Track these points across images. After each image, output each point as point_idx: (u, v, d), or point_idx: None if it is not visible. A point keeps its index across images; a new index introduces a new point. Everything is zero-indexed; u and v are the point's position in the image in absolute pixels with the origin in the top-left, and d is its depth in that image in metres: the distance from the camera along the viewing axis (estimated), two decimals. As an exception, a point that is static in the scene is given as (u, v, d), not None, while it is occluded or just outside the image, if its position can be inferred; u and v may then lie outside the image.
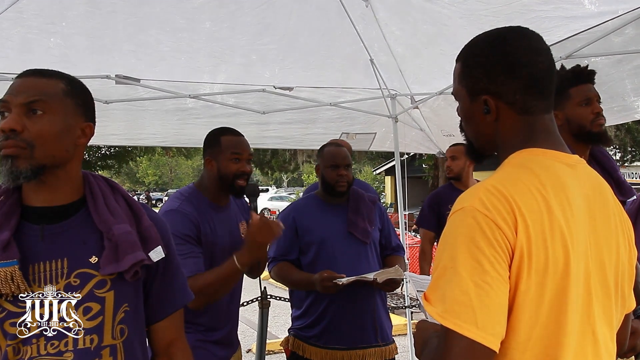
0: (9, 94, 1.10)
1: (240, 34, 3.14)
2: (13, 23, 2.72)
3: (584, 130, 1.76)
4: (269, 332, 3.37)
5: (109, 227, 1.13)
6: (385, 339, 2.32)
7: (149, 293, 1.23)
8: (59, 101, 1.11)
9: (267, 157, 19.33)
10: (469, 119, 1.05)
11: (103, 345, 1.11)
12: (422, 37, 3.18)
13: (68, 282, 1.09)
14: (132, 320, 1.17)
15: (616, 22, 2.43)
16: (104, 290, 1.12)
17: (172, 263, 1.27)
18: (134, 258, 1.13)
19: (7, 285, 1.04)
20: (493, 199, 0.88)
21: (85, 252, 1.12)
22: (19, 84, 1.10)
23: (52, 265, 1.09)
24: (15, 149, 1.05)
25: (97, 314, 1.11)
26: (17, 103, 1.08)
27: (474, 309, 0.82)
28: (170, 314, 1.27)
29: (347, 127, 4.47)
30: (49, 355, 1.07)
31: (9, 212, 1.10)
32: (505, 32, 1.00)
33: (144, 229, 1.19)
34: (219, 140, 2.01)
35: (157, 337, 1.26)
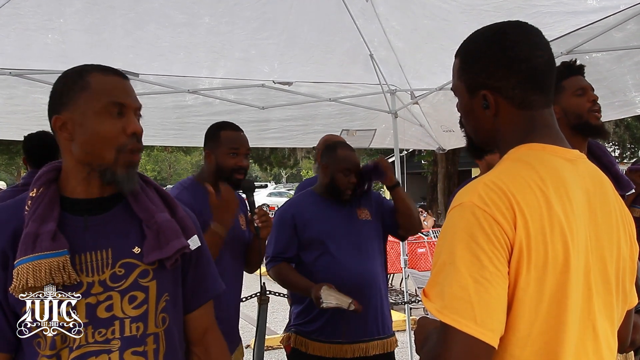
0: (126, 96, 1.14)
1: (239, 28, 3.13)
2: (10, 19, 2.70)
3: (582, 120, 1.75)
4: (268, 328, 3.37)
5: (151, 215, 1.17)
6: (387, 331, 2.32)
7: (184, 283, 1.25)
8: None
9: (266, 152, 19.32)
10: (468, 114, 1.05)
11: (148, 333, 1.14)
12: (422, 31, 3.17)
13: (113, 272, 1.11)
14: (172, 310, 1.20)
15: (618, 17, 2.43)
16: (148, 279, 1.14)
17: (204, 253, 1.30)
18: (180, 244, 1.17)
19: (59, 274, 1.05)
20: (492, 194, 0.87)
21: (128, 243, 1.15)
22: (127, 86, 1.16)
23: (98, 255, 1.11)
24: (139, 157, 1.15)
25: (142, 302, 1.13)
26: (135, 107, 1.15)
27: (472, 304, 0.82)
28: (204, 303, 1.30)
29: (347, 124, 4.45)
30: (97, 343, 1.09)
31: (50, 203, 1.11)
32: (504, 26, 0.99)
33: (179, 218, 1.22)
34: (218, 135, 2.07)
35: (192, 326, 1.28)
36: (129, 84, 1.16)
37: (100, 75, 1.13)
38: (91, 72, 1.13)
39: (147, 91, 3.59)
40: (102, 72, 1.13)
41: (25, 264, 1.04)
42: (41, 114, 4.33)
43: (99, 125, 1.10)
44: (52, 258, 1.05)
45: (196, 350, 1.29)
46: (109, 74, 1.14)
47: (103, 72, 1.14)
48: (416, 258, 7.37)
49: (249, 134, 2.16)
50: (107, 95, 1.11)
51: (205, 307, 1.30)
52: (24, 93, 3.35)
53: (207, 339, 1.30)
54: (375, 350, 2.26)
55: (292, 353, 2.34)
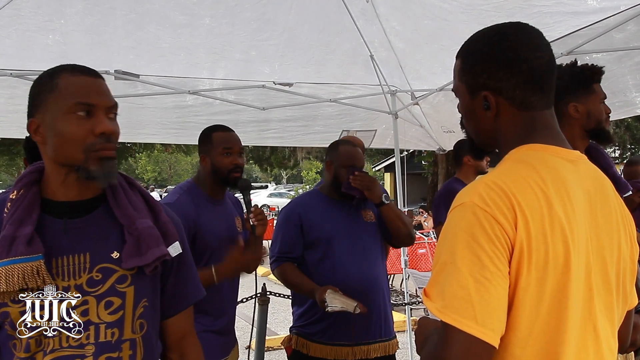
0: (96, 96, 1.10)
1: (239, 29, 3.13)
2: (11, 20, 2.70)
3: (599, 126, 1.77)
4: (268, 329, 3.37)
5: (131, 221, 1.15)
6: (388, 334, 2.31)
7: (164, 288, 1.25)
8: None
9: (266, 153, 19.32)
10: (469, 115, 1.05)
11: (124, 339, 1.12)
12: (422, 32, 3.17)
13: (90, 276, 1.10)
14: (151, 315, 1.19)
15: (618, 18, 2.42)
16: (125, 285, 1.13)
17: (186, 259, 1.29)
18: (159, 252, 1.15)
19: (33, 279, 1.04)
20: (493, 194, 0.87)
21: (107, 248, 1.13)
22: (97, 85, 1.12)
23: (75, 259, 1.10)
24: (114, 152, 1.11)
25: (118, 308, 1.12)
26: (106, 106, 1.11)
27: (473, 304, 0.82)
28: (184, 309, 1.29)
29: (347, 124, 4.45)
30: (70, 348, 1.08)
31: (30, 205, 1.10)
32: (505, 27, 0.99)
33: (161, 224, 1.21)
34: (210, 137, 2.11)
35: (169, 332, 1.27)
36: (100, 83, 1.13)
37: (68, 76, 1.10)
38: (61, 73, 1.11)
39: (147, 92, 3.59)
40: (71, 72, 1.11)
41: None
42: (42, 115, 4.32)
43: (65, 127, 1.08)
44: (26, 263, 1.04)
45: (172, 356, 1.28)
46: (77, 73, 1.11)
47: (72, 72, 1.11)
48: (417, 259, 7.37)
49: (249, 134, 2.20)
50: (73, 96, 1.08)
51: (184, 313, 1.29)
52: (25, 93, 3.32)
53: (184, 344, 1.29)
54: (377, 352, 2.25)
55: (293, 355, 2.33)
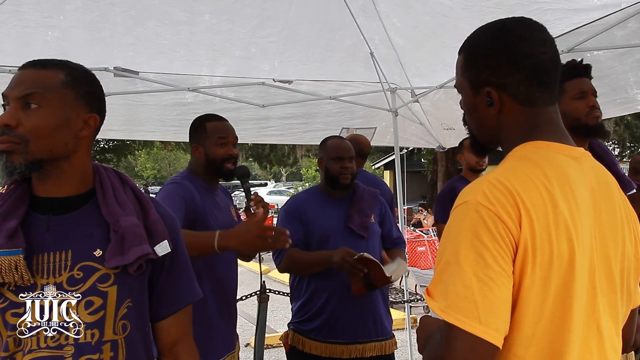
0: (8, 87, 1.08)
1: (239, 26, 3.12)
2: (10, 17, 2.69)
3: (579, 123, 1.75)
4: (268, 327, 3.37)
5: (116, 219, 1.12)
6: (385, 334, 2.31)
7: (154, 289, 1.20)
8: (55, 93, 1.08)
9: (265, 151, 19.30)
10: (471, 111, 1.04)
11: (104, 340, 1.09)
12: (423, 28, 3.16)
13: (71, 274, 1.07)
14: (135, 317, 1.15)
15: (619, 15, 2.41)
16: (107, 284, 1.10)
17: (179, 259, 1.24)
18: (140, 251, 1.11)
19: (10, 274, 1.02)
20: (496, 192, 0.86)
21: (91, 245, 1.10)
22: (17, 76, 1.08)
23: (56, 256, 1.08)
24: (9, 145, 1.04)
25: (99, 308, 1.09)
26: (14, 97, 1.06)
27: (476, 303, 0.81)
28: (176, 311, 1.23)
29: (347, 122, 4.45)
30: (49, 349, 1.06)
31: (17, 200, 1.09)
32: (509, 22, 0.98)
33: (150, 222, 1.17)
34: (204, 127, 2.05)
35: (161, 335, 1.23)
36: (23, 74, 1.09)
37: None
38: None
39: (147, 89, 3.58)
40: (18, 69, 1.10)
41: None
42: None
43: None
44: (5, 257, 1.02)
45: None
46: (18, 68, 1.11)
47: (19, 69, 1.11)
48: (416, 256, 7.37)
49: (248, 132, 2.19)
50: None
51: (177, 316, 1.23)
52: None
53: (177, 350, 1.23)
54: (373, 352, 2.25)
55: (291, 351, 2.34)
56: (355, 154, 3.34)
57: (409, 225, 10.44)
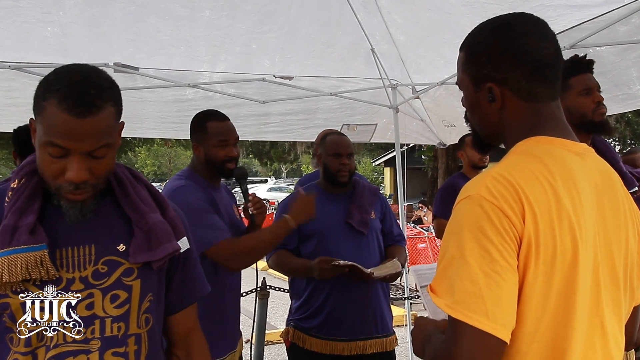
0: (70, 138, 0.98)
1: (240, 22, 3.10)
2: (9, 12, 2.67)
3: (585, 120, 1.75)
4: (268, 323, 3.37)
5: (141, 216, 1.13)
6: (386, 330, 2.31)
7: (170, 284, 1.23)
8: (114, 131, 1.06)
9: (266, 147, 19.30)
10: (473, 108, 1.03)
11: (129, 334, 1.10)
12: (424, 24, 3.15)
13: (96, 268, 1.08)
14: (156, 310, 1.17)
15: (622, 11, 2.40)
16: (131, 278, 1.11)
17: (192, 254, 1.26)
18: (171, 247, 1.14)
19: (36, 269, 1.01)
20: (500, 186, 0.86)
21: (113, 240, 1.11)
22: (77, 126, 0.98)
23: (80, 250, 1.07)
24: (84, 195, 1.04)
25: (124, 302, 1.10)
26: (81, 150, 1.00)
27: (484, 299, 0.80)
28: (188, 305, 1.27)
29: (348, 118, 4.43)
30: (75, 343, 1.05)
31: (31, 195, 1.07)
32: (510, 18, 0.98)
33: (169, 219, 1.19)
34: (204, 126, 2.04)
35: (175, 328, 1.26)
36: (85, 124, 0.98)
37: (53, 106, 0.97)
38: (51, 95, 0.98)
39: (147, 85, 3.57)
40: (58, 103, 0.97)
41: (0, 258, 1.00)
42: (40, 107, 4.26)
43: (40, 157, 1.03)
44: (29, 252, 1.01)
45: (177, 352, 1.26)
46: (63, 108, 0.97)
47: (59, 102, 0.97)
48: (416, 253, 7.37)
49: (249, 128, 2.19)
50: (50, 133, 0.98)
51: (189, 309, 1.27)
52: (23, 86, 3.33)
53: (189, 340, 1.27)
54: (373, 348, 2.25)
55: (291, 347, 2.34)
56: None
57: (409, 222, 10.44)
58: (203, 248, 1.83)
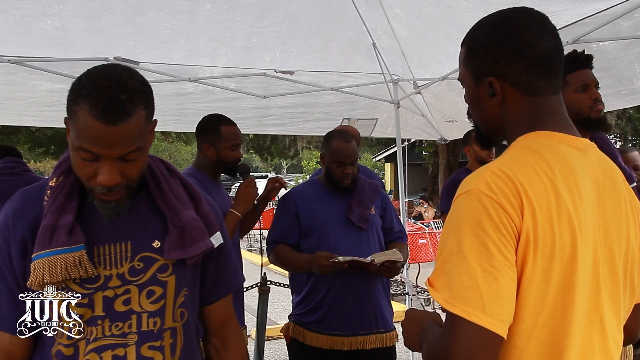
0: (97, 145, 0.99)
1: (240, 16, 3.08)
2: (8, 5, 2.66)
3: (582, 117, 1.74)
4: (269, 318, 3.37)
5: (175, 213, 1.14)
6: (386, 326, 2.31)
7: (205, 276, 1.25)
8: (146, 135, 1.06)
9: (266, 143, 19.29)
10: (475, 103, 1.03)
11: (165, 328, 1.13)
12: (426, 19, 3.13)
13: (132, 265, 1.10)
14: (191, 304, 1.19)
15: (625, 5, 2.38)
16: (167, 274, 1.13)
17: (226, 247, 1.28)
18: (204, 245, 1.16)
19: (75, 269, 1.04)
20: (499, 181, 0.85)
21: (148, 236, 1.13)
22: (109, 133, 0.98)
23: (117, 248, 1.10)
24: (116, 196, 1.06)
25: (160, 297, 1.12)
26: (113, 156, 1.01)
27: (481, 294, 0.80)
28: (224, 296, 1.29)
29: (348, 112, 4.42)
30: (113, 337, 1.08)
31: (70, 193, 1.09)
32: (510, 12, 0.98)
33: (203, 214, 1.20)
34: (218, 130, 2.23)
35: (211, 318, 1.29)
36: (115, 131, 0.98)
37: (85, 112, 0.97)
38: (82, 100, 0.98)
39: (147, 79, 3.54)
40: (89, 109, 0.97)
41: (41, 259, 1.03)
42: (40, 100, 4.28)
43: (73, 159, 1.05)
44: (68, 253, 1.04)
45: (214, 341, 1.29)
46: (94, 115, 0.97)
47: (90, 109, 0.97)
48: (417, 249, 7.36)
49: (249, 121, 2.27)
50: (81, 138, 0.99)
51: (224, 300, 1.30)
52: (23, 80, 3.32)
53: (225, 329, 1.30)
54: (373, 344, 2.25)
55: (291, 343, 2.35)
56: None
57: (409, 218, 10.44)
58: None
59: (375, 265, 2.10)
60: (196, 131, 2.29)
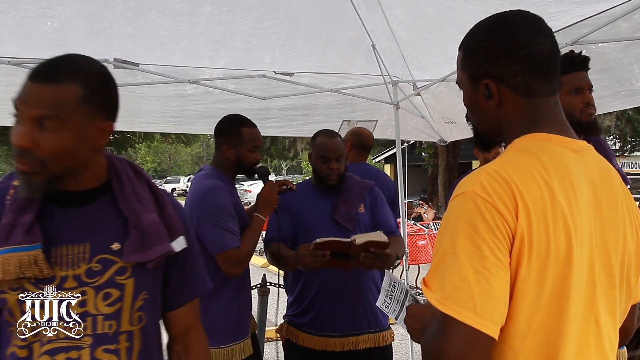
0: (21, 99, 1.02)
1: (240, 18, 3.09)
2: (8, 6, 2.67)
3: (572, 120, 1.73)
4: (268, 320, 3.38)
5: (136, 215, 1.13)
6: (379, 325, 2.28)
7: (168, 281, 1.23)
8: (73, 112, 1.02)
9: (266, 144, 19.30)
10: (473, 106, 1.04)
11: (121, 331, 1.11)
12: (426, 20, 3.13)
13: (89, 267, 1.09)
14: (150, 308, 1.17)
15: (624, 7, 2.38)
16: (125, 277, 1.12)
17: (192, 252, 1.26)
18: (163, 249, 1.14)
19: (30, 268, 1.04)
20: (494, 183, 0.86)
21: (108, 238, 1.11)
22: (30, 89, 1.02)
23: (75, 249, 1.09)
24: (28, 167, 1.02)
25: (117, 300, 1.11)
26: (28, 116, 1.01)
27: (472, 295, 0.81)
28: (188, 302, 1.28)
29: (348, 114, 4.42)
30: (67, 339, 1.07)
31: None
32: (505, 15, 0.99)
33: (167, 217, 1.19)
34: (239, 132, 2.22)
35: (175, 324, 1.27)
36: (36, 89, 1.01)
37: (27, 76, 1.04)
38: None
39: (147, 81, 3.56)
40: (29, 73, 1.04)
41: None
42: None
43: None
44: (23, 252, 1.03)
45: (176, 347, 1.28)
46: (28, 75, 1.03)
47: (30, 72, 1.04)
48: (417, 250, 7.37)
49: None
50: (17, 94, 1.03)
51: (189, 306, 1.28)
52: (23, 81, 3.32)
53: (189, 336, 1.29)
54: (366, 344, 2.23)
55: (286, 343, 2.35)
56: (358, 148, 3.34)
57: (409, 219, 10.44)
58: (220, 249, 2.02)
59: (356, 246, 2.01)
60: (215, 131, 2.27)
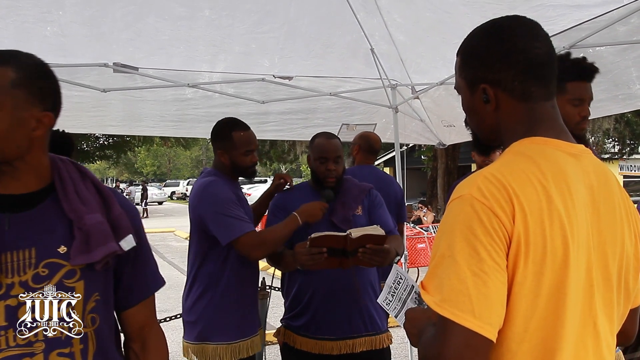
0: None
1: (239, 22, 3.10)
2: (8, 11, 2.68)
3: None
4: (268, 323, 3.37)
5: (80, 217, 1.10)
6: (376, 328, 2.27)
7: (120, 280, 1.22)
8: (4, 94, 1.02)
9: (265, 147, 19.31)
10: (471, 110, 1.05)
11: (74, 334, 1.10)
12: (424, 24, 3.15)
13: (36, 272, 1.06)
14: (103, 309, 1.16)
15: (621, 11, 2.40)
16: (74, 280, 1.10)
17: (143, 250, 1.25)
18: (107, 250, 1.11)
19: None
20: (491, 186, 0.87)
21: (54, 242, 1.09)
22: None
23: (20, 255, 1.06)
24: None
25: (67, 304, 1.09)
26: None
27: (470, 298, 0.81)
28: (142, 300, 1.27)
29: (347, 118, 4.43)
30: (18, 347, 1.05)
31: None
32: (501, 20, 1.00)
33: (114, 217, 1.16)
34: (230, 136, 2.21)
35: (130, 323, 1.27)
36: None
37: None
38: None
39: (146, 85, 3.57)
40: None
41: None
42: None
43: None
44: None
45: (133, 346, 1.28)
46: None
47: None
48: (416, 253, 7.37)
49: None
50: None
51: (143, 304, 1.27)
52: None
53: (145, 334, 1.28)
54: (363, 347, 2.22)
55: (283, 347, 2.33)
56: (365, 151, 3.35)
57: (408, 222, 10.44)
58: (231, 237, 2.03)
59: (353, 240, 2.00)
60: (211, 136, 2.28)
